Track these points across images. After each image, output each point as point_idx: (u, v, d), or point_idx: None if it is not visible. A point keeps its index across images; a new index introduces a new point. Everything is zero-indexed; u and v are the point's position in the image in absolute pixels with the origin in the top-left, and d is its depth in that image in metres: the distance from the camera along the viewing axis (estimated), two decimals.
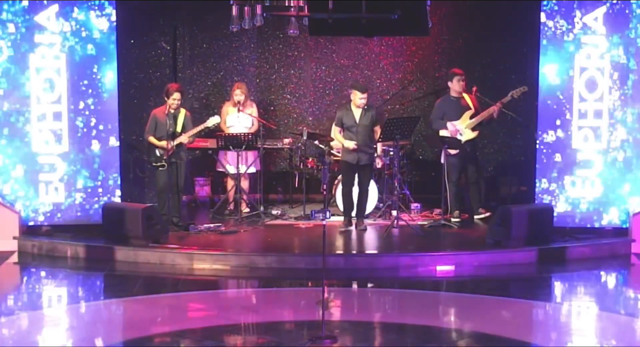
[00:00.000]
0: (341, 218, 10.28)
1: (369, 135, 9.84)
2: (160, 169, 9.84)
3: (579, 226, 9.70)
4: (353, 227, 9.95)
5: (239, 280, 8.75)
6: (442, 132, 10.21)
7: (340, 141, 9.90)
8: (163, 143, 9.71)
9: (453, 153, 10.04)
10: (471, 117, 10.11)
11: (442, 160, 10.08)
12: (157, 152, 9.84)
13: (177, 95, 9.72)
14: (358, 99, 9.75)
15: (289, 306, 7.71)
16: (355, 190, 10.02)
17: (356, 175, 9.92)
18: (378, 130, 9.93)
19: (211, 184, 11.79)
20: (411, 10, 8.69)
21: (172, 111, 9.73)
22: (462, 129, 10.09)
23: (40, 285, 8.53)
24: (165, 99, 9.79)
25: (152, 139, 9.82)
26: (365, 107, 9.83)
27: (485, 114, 10.05)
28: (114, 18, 9.67)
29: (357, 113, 9.81)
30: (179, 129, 9.81)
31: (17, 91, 9.63)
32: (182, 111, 9.88)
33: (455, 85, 10.20)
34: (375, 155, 9.96)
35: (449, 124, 10.15)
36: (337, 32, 10.46)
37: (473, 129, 10.13)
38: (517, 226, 9.03)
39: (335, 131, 10.00)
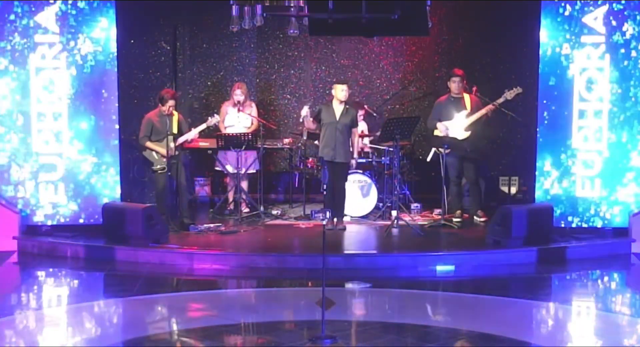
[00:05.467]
0: (342, 218, 10.28)
1: (347, 134, 9.84)
2: (160, 172, 9.86)
3: (579, 226, 9.70)
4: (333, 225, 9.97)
5: (239, 280, 8.75)
6: (436, 132, 10.23)
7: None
8: (162, 149, 9.72)
9: (445, 152, 10.02)
10: (466, 117, 10.11)
11: (428, 159, 10.17)
12: (156, 156, 9.85)
13: (172, 102, 9.79)
14: (339, 91, 9.78)
15: (289, 306, 7.71)
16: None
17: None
18: (356, 133, 9.95)
19: (211, 184, 11.80)
20: (411, 10, 8.69)
21: (165, 114, 9.78)
22: (454, 129, 10.08)
23: (40, 285, 8.53)
24: (160, 104, 9.81)
25: (150, 144, 9.84)
26: (347, 106, 9.84)
27: (479, 115, 10.05)
28: (114, 18, 9.67)
29: (338, 110, 9.82)
30: (175, 131, 9.83)
31: (17, 91, 9.63)
32: (176, 114, 9.91)
33: (450, 86, 10.22)
34: (353, 158, 9.95)
35: (439, 124, 10.17)
36: (337, 32, 10.47)
37: (466, 129, 10.12)
38: (517, 226, 9.03)
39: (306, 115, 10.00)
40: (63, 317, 7.35)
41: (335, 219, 9.96)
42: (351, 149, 9.96)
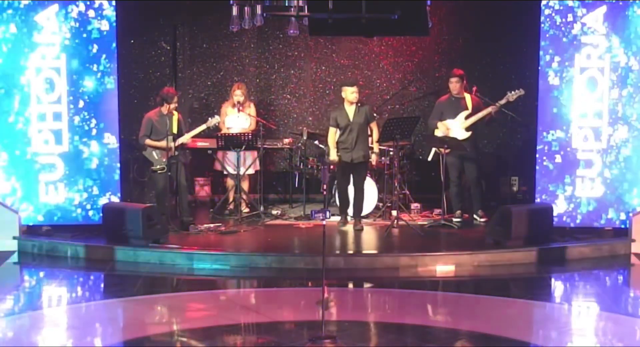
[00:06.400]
0: (360, 218, 10.26)
1: (364, 132, 9.83)
2: (159, 172, 9.86)
3: (579, 226, 9.70)
4: (349, 226, 9.95)
5: (239, 280, 8.75)
6: (437, 132, 10.23)
7: (330, 146, 9.86)
8: (163, 143, 9.74)
9: (445, 152, 10.02)
10: (466, 118, 10.12)
11: (429, 158, 10.21)
12: (156, 156, 9.85)
13: (176, 99, 9.80)
14: (350, 94, 9.75)
15: (289, 306, 7.71)
16: (351, 189, 10.04)
17: (351, 174, 9.94)
18: (374, 127, 9.94)
19: (211, 184, 11.80)
20: (411, 10, 8.69)
21: (165, 114, 9.78)
22: (455, 129, 10.08)
23: (40, 285, 8.53)
24: (165, 103, 9.81)
25: (150, 142, 9.84)
26: (359, 104, 9.83)
27: (480, 115, 10.05)
28: (114, 18, 9.67)
29: (350, 111, 9.81)
30: (175, 131, 9.85)
31: (17, 91, 9.63)
32: (175, 114, 9.92)
33: (449, 86, 10.22)
34: (371, 152, 9.95)
35: (440, 124, 10.17)
36: (337, 32, 10.47)
37: (467, 130, 10.12)
38: (517, 226, 9.03)
39: (331, 133, 9.94)
40: (63, 317, 7.35)
41: (353, 219, 10.03)
42: (371, 145, 9.94)
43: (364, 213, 10.40)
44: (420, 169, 11.66)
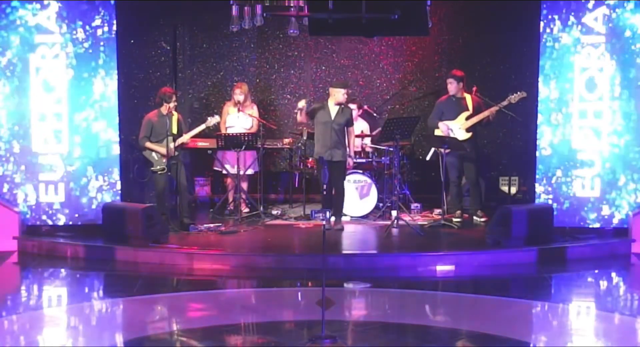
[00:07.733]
0: (341, 218, 10.28)
1: (342, 134, 9.83)
2: (159, 173, 9.86)
3: (579, 226, 9.70)
4: (331, 226, 9.90)
5: (239, 280, 8.75)
6: (437, 132, 10.23)
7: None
8: (162, 148, 9.73)
9: (445, 152, 10.01)
10: (467, 118, 10.12)
11: (428, 158, 10.22)
12: (156, 156, 9.85)
13: (174, 98, 9.82)
14: (341, 95, 9.75)
15: (289, 306, 7.71)
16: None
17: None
18: (352, 131, 9.95)
19: (211, 184, 11.80)
20: (411, 10, 8.68)
21: (165, 114, 9.78)
22: (456, 129, 10.08)
23: (40, 285, 8.52)
24: (164, 103, 9.80)
25: (149, 144, 9.84)
26: (343, 106, 9.83)
27: (481, 116, 10.05)
28: (114, 18, 9.67)
29: (333, 110, 9.81)
30: (175, 131, 9.84)
31: (17, 91, 9.63)
32: (175, 114, 9.92)
33: (447, 86, 10.23)
34: (348, 155, 9.95)
35: (441, 124, 10.17)
36: (337, 32, 10.45)
37: (467, 130, 10.12)
38: (517, 226, 9.03)
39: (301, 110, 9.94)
40: (63, 317, 7.36)
41: (333, 219, 9.89)
42: (347, 149, 9.96)
43: (363, 213, 10.41)
44: (420, 169, 11.66)
